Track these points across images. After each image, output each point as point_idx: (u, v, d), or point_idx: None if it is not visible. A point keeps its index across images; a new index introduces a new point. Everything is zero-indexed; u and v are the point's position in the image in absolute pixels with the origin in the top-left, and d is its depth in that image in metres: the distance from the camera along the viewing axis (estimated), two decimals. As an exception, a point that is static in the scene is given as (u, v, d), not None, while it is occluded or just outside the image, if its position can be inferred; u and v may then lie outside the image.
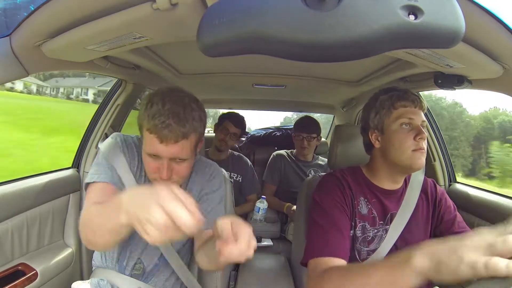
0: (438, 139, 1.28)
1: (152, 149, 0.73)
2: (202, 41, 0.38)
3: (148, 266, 0.88)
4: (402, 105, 0.83)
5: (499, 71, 0.72)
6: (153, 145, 0.72)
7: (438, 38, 0.34)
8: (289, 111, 3.12)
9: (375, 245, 0.85)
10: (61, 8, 0.57)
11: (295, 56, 0.36)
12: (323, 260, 0.75)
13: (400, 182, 0.90)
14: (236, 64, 1.25)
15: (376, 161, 0.90)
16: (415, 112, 0.83)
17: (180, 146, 0.72)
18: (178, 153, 0.73)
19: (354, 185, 0.88)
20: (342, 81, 1.43)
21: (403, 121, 0.82)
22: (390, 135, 0.84)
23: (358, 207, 0.86)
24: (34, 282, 0.92)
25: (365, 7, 0.32)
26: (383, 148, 0.86)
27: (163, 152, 0.72)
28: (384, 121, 0.85)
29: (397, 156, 0.82)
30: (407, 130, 0.82)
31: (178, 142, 0.72)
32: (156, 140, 0.71)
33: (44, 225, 1.05)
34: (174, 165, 0.75)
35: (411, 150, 0.80)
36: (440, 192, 0.93)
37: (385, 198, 0.88)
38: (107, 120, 1.25)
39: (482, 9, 0.51)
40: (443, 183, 1.27)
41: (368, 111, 0.90)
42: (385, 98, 0.86)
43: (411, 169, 0.83)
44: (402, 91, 0.86)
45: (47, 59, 0.74)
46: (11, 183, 0.96)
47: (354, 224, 0.85)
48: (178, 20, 0.58)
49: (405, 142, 0.81)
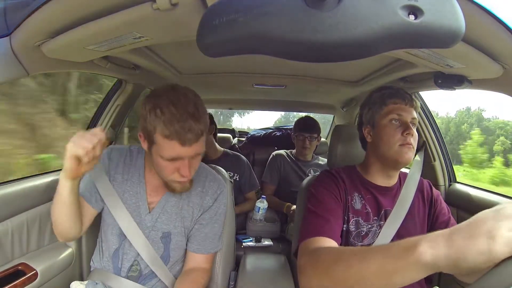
0: (438, 139, 1.28)
1: (172, 153, 0.73)
2: (202, 41, 0.38)
3: (145, 268, 0.87)
4: (392, 101, 0.87)
5: (499, 71, 0.72)
6: (173, 149, 0.72)
7: (438, 38, 0.34)
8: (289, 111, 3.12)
9: (370, 240, 0.86)
10: (61, 8, 0.57)
11: (295, 56, 0.36)
12: (315, 240, 0.73)
13: (393, 178, 0.92)
14: (236, 64, 1.25)
15: (369, 156, 0.93)
16: (405, 109, 0.86)
17: (200, 143, 0.75)
18: (199, 149, 0.76)
19: (348, 182, 0.90)
20: (342, 81, 1.43)
21: (393, 117, 0.85)
22: (380, 130, 0.87)
23: (352, 202, 0.88)
24: (34, 282, 0.92)
25: (365, 7, 0.32)
26: (374, 142, 0.90)
27: (186, 153, 0.73)
28: (375, 116, 0.89)
29: (385, 150, 0.85)
30: (396, 126, 0.85)
31: (198, 141, 0.73)
32: (178, 144, 0.71)
33: (44, 225, 1.05)
34: (192, 160, 0.77)
35: (398, 145, 0.83)
36: (436, 193, 0.95)
37: (379, 195, 0.89)
38: (107, 120, 1.25)
39: (482, 9, 0.51)
40: (443, 183, 1.27)
41: (362, 107, 0.94)
42: (377, 95, 0.90)
43: (399, 163, 0.84)
44: (394, 89, 0.89)
45: (47, 59, 0.74)
46: (11, 183, 0.96)
47: (347, 219, 0.86)
48: (178, 20, 0.58)
49: (393, 136, 0.83)
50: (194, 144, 0.72)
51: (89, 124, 1.28)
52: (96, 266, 0.92)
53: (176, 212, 0.88)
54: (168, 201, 0.89)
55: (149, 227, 0.87)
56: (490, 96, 5.62)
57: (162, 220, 0.88)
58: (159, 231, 0.87)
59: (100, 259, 0.91)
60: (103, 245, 0.91)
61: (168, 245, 0.88)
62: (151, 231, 0.87)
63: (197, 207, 0.90)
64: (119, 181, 0.88)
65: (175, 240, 0.89)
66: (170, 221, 0.88)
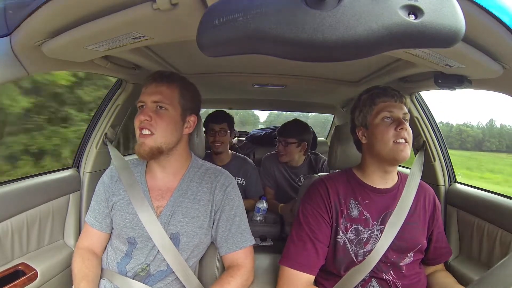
0: (438, 139, 1.28)
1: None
2: (202, 41, 0.38)
3: (154, 270, 0.88)
4: (381, 100, 0.88)
5: (499, 71, 0.72)
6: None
7: (438, 38, 0.34)
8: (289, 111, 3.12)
9: (371, 245, 0.86)
10: (61, 8, 0.57)
11: (295, 56, 0.36)
12: (293, 273, 0.85)
13: (391, 179, 0.92)
14: (236, 64, 1.25)
15: (365, 157, 0.93)
16: (395, 106, 0.87)
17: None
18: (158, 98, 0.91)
19: (343, 189, 0.90)
20: (342, 81, 1.43)
21: (384, 115, 0.86)
22: (374, 129, 0.87)
23: (349, 211, 0.88)
24: (34, 282, 0.92)
25: (365, 7, 0.32)
26: (369, 142, 0.90)
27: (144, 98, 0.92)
28: (367, 117, 0.90)
29: (381, 149, 0.85)
30: (388, 123, 0.86)
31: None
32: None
33: (44, 225, 1.05)
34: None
35: (392, 142, 0.83)
36: (438, 205, 0.97)
37: (378, 198, 0.90)
38: (107, 120, 1.24)
39: (482, 9, 0.51)
40: (443, 183, 1.27)
41: (353, 110, 0.95)
42: (366, 97, 0.91)
43: (395, 160, 0.85)
44: (382, 88, 0.90)
45: (47, 59, 0.74)
46: (11, 183, 0.96)
47: (345, 228, 0.87)
48: (178, 20, 0.58)
49: (387, 133, 0.84)
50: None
51: (89, 124, 1.28)
52: (103, 266, 0.92)
53: (184, 212, 0.89)
54: (175, 202, 0.89)
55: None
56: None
57: (170, 222, 0.89)
58: (167, 232, 0.88)
59: (107, 258, 0.92)
60: (112, 247, 0.93)
61: (177, 246, 0.88)
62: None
63: (208, 204, 0.91)
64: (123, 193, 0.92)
65: (184, 241, 0.89)
66: (178, 222, 0.88)
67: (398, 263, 0.87)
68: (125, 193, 0.90)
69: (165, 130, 0.85)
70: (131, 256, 0.88)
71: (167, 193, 0.91)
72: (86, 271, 0.86)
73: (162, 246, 0.86)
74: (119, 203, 0.90)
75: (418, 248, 0.89)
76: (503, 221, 0.99)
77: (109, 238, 0.95)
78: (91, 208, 0.95)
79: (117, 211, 0.90)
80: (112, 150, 1.11)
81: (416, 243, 0.89)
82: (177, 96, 0.87)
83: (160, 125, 0.84)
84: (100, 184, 0.96)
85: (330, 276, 0.90)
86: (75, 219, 1.17)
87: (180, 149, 0.92)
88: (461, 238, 1.18)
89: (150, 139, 0.83)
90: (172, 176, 0.92)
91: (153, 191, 0.91)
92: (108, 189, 0.93)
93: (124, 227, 0.88)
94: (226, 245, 0.91)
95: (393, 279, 0.87)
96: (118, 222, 0.89)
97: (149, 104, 0.85)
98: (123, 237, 0.89)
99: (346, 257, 0.86)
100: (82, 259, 0.89)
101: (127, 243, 0.89)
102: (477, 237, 1.09)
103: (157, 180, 0.92)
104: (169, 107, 0.86)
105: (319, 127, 3.53)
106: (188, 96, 0.90)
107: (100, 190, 0.95)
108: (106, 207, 0.93)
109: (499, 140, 8.07)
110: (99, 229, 0.93)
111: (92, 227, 0.93)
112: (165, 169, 0.92)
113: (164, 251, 0.86)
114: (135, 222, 0.87)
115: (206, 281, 0.95)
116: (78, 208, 1.19)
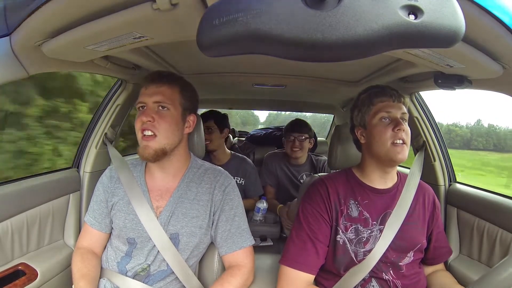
0: (438, 139, 1.28)
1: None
2: (202, 41, 0.38)
3: (154, 270, 0.88)
4: (379, 100, 0.88)
5: (499, 71, 0.72)
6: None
7: (438, 38, 0.34)
8: (289, 111, 3.12)
9: (371, 245, 0.86)
10: (61, 8, 0.57)
11: (295, 56, 0.36)
12: (293, 273, 0.85)
13: (391, 179, 0.92)
14: (236, 64, 1.25)
15: (364, 157, 0.93)
16: (393, 106, 0.86)
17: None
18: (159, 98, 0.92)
19: (343, 189, 0.90)
20: (342, 81, 1.43)
21: (382, 115, 0.86)
22: (372, 129, 0.87)
23: (348, 210, 0.88)
24: (34, 281, 0.92)
25: (365, 7, 0.32)
26: (367, 142, 0.90)
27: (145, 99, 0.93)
28: (365, 117, 0.90)
29: (379, 149, 0.85)
30: (386, 123, 0.85)
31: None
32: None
33: (44, 225, 1.05)
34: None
35: (390, 143, 0.83)
36: (437, 205, 0.97)
37: (377, 198, 0.90)
38: (107, 120, 1.24)
39: (482, 9, 0.51)
40: (443, 183, 1.27)
41: (352, 110, 0.95)
42: (364, 96, 0.91)
43: (393, 161, 0.85)
44: (380, 88, 0.90)
45: (47, 59, 0.74)
46: (11, 183, 0.96)
47: (345, 227, 0.87)
48: (178, 20, 0.58)
49: (384, 134, 0.84)
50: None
51: (89, 124, 1.28)
52: (103, 265, 0.93)
53: (183, 213, 0.89)
54: (175, 203, 0.89)
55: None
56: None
57: (169, 222, 0.89)
58: (166, 232, 0.88)
59: (107, 258, 0.92)
60: (112, 246, 0.93)
61: (177, 246, 0.88)
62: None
63: (207, 204, 0.91)
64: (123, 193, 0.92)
65: (183, 241, 0.89)
66: (177, 222, 0.89)
67: (397, 263, 0.87)
68: (124, 194, 0.90)
69: (168, 131, 0.85)
70: (132, 256, 0.88)
71: (167, 193, 0.91)
72: (85, 270, 0.86)
73: (162, 246, 0.86)
74: (118, 203, 0.90)
75: (417, 247, 0.89)
76: (503, 221, 1.00)
77: (109, 238, 0.95)
78: (90, 208, 0.95)
79: (117, 212, 0.90)
80: (111, 150, 1.11)
81: (416, 242, 0.89)
82: (178, 96, 0.88)
83: (162, 125, 0.84)
84: (99, 185, 0.96)
85: (330, 276, 0.90)
86: (75, 219, 1.17)
87: (181, 149, 0.92)
88: (461, 238, 1.18)
89: (153, 141, 0.83)
90: (172, 177, 0.92)
91: (152, 192, 0.91)
92: (108, 190, 0.93)
93: (124, 228, 0.88)
94: (226, 245, 0.91)
95: (393, 279, 0.87)
96: (118, 222, 0.89)
97: (150, 105, 0.85)
98: (123, 237, 0.89)
99: (346, 257, 0.86)
100: (82, 259, 0.89)
101: (127, 243, 0.89)
102: (477, 237, 1.09)
103: (156, 181, 0.93)
104: (171, 107, 0.86)
105: (319, 127, 3.54)
106: (188, 96, 0.90)
107: (99, 190, 0.95)
108: (106, 207, 0.92)
109: (486, 139, 8.16)
110: (99, 229, 0.93)
111: (92, 227, 0.93)
112: (166, 169, 0.92)
113: (163, 251, 0.86)
114: (134, 222, 0.87)
115: (206, 281, 0.96)
116: (78, 208, 1.19)
